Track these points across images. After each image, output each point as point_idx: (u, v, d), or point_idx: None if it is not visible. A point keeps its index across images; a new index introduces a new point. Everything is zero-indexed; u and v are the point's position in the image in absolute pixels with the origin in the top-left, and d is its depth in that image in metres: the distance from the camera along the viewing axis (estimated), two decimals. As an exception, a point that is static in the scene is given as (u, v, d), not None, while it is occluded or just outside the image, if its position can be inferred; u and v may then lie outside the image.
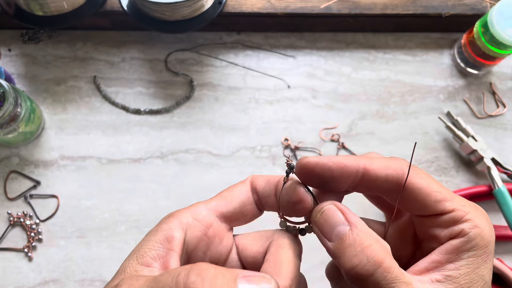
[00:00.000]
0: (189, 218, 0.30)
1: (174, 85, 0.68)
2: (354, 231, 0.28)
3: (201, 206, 0.31)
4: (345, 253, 0.27)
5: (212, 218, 0.31)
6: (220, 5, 0.64)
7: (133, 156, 0.64)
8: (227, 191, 0.33)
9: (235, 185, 0.33)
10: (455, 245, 0.28)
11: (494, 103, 0.69)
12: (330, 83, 0.68)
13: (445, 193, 0.29)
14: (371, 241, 0.27)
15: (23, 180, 0.63)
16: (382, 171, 0.30)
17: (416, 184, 0.29)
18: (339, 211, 0.29)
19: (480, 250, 0.28)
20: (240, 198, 0.32)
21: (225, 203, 0.32)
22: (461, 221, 0.29)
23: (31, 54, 0.68)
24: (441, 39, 0.71)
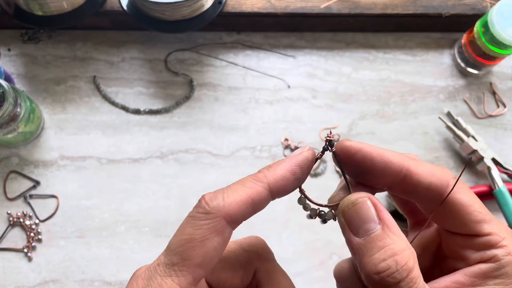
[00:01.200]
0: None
1: (174, 85, 0.68)
2: (386, 232, 0.25)
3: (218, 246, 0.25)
4: (372, 254, 0.25)
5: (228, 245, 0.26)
6: (220, 5, 0.64)
7: (133, 156, 0.64)
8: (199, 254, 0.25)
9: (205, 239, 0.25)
10: (484, 270, 0.27)
11: (494, 103, 0.69)
12: (330, 83, 0.68)
13: (485, 214, 0.28)
14: (404, 247, 0.25)
15: (23, 180, 0.63)
16: (426, 178, 0.28)
17: (459, 200, 0.27)
18: (373, 207, 0.26)
19: (509, 280, 0.27)
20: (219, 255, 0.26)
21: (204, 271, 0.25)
22: (495, 246, 0.27)
23: (30, 54, 0.68)
24: (441, 39, 0.71)
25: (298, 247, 0.61)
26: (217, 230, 0.25)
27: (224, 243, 0.25)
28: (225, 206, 0.25)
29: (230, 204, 0.25)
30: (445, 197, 0.27)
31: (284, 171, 0.27)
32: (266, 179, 0.26)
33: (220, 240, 0.25)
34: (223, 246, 0.25)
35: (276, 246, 0.61)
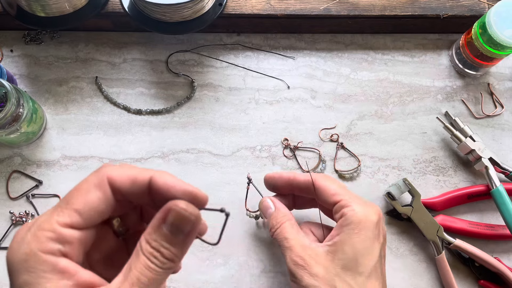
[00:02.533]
0: (56, 245, 0.28)
1: (175, 86, 0.68)
2: (276, 211, 0.52)
3: (50, 240, 0.28)
4: (270, 222, 0.52)
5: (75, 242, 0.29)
6: (220, 7, 0.65)
7: (134, 156, 0.65)
8: (81, 201, 0.29)
9: (87, 190, 0.30)
10: (339, 223, 0.47)
11: (492, 104, 0.69)
12: (329, 84, 0.69)
13: (338, 190, 0.49)
14: (284, 219, 0.50)
15: (25, 180, 0.64)
16: (302, 179, 0.52)
17: (319, 185, 0.50)
18: (271, 201, 0.54)
19: (353, 225, 0.45)
20: (98, 208, 0.30)
21: (81, 219, 0.29)
22: (344, 207, 0.47)
23: (33, 55, 0.69)
24: (439, 40, 0.72)
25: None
26: (99, 185, 0.30)
27: (106, 201, 0.30)
28: (112, 171, 0.31)
29: (117, 171, 0.31)
30: (313, 187, 0.51)
31: (167, 189, 0.32)
32: (158, 178, 0.32)
33: (100, 195, 0.30)
34: (104, 202, 0.30)
35: (276, 245, 0.62)
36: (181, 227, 0.30)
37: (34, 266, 0.27)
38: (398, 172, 0.65)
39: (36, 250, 0.27)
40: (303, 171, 0.65)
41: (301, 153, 0.66)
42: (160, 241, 0.29)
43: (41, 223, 0.28)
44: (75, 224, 0.29)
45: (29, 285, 0.27)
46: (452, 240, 0.60)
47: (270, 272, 0.61)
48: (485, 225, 0.62)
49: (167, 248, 0.30)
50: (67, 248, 0.28)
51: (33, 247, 0.27)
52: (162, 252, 0.29)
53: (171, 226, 0.30)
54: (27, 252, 0.27)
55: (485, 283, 0.61)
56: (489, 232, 0.62)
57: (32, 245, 0.27)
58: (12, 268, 0.27)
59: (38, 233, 0.28)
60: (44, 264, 0.27)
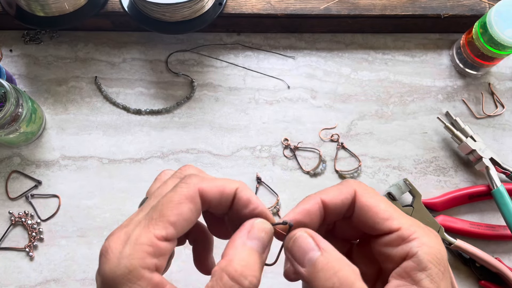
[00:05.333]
0: (153, 260, 0.28)
1: (175, 86, 0.68)
2: (325, 255, 0.28)
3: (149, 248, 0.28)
4: (317, 277, 0.28)
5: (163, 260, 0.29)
6: (220, 6, 0.65)
7: (134, 156, 0.65)
8: (174, 213, 0.29)
9: (180, 201, 0.29)
10: (409, 267, 0.29)
11: (493, 104, 0.69)
12: (330, 84, 0.69)
13: (392, 212, 0.31)
14: (342, 265, 0.28)
15: (25, 180, 0.63)
16: (337, 198, 0.32)
17: (365, 203, 0.31)
18: (310, 238, 0.30)
19: (435, 269, 0.29)
20: (190, 219, 0.29)
21: (175, 231, 0.29)
22: (408, 240, 0.29)
23: (32, 55, 0.69)
24: (440, 39, 0.72)
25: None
26: (191, 197, 0.29)
27: (196, 212, 0.30)
28: (203, 184, 0.30)
29: (207, 184, 0.30)
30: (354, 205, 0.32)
31: (250, 207, 0.31)
32: (242, 191, 0.31)
33: (192, 207, 0.29)
34: (194, 214, 0.29)
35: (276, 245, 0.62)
36: (264, 243, 0.30)
37: (134, 281, 0.27)
38: (398, 172, 0.65)
39: (137, 265, 0.27)
40: (303, 171, 0.65)
41: (301, 153, 0.66)
42: (246, 260, 0.29)
43: (138, 236, 0.28)
44: (170, 237, 0.28)
45: None
46: (453, 240, 0.60)
47: (271, 273, 0.61)
48: (486, 226, 0.62)
49: (254, 267, 0.28)
50: (160, 261, 0.28)
51: (135, 262, 0.27)
52: (252, 271, 0.28)
53: (256, 243, 0.30)
54: (129, 267, 0.27)
55: (486, 283, 0.60)
56: (490, 233, 0.62)
57: (133, 260, 0.27)
58: (112, 282, 0.27)
59: (138, 248, 0.27)
60: (143, 279, 0.27)
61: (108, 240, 0.29)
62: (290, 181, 0.64)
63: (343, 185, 0.32)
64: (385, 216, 0.30)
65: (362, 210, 0.31)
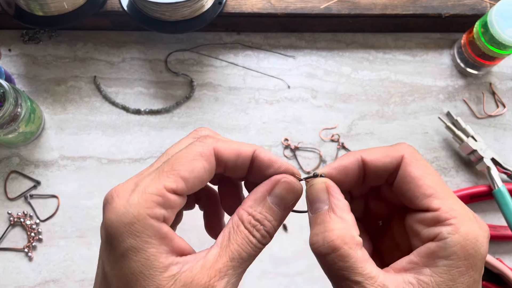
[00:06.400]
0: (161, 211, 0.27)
1: (174, 85, 0.68)
2: (329, 213, 0.28)
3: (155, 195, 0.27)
4: (313, 228, 0.29)
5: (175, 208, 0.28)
6: (220, 6, 0.65)
7: (133, 156, 0.64)
8: (186, 168, 0.28)
9: (193, 158, 0.28)
10: (431, 249, 0.27)
11: (494, 103, 0.69)
12: (330, 83, 0.69)
13: (436, 189, 0.28)
14: (336, 227, 0.27)
15: (23, 180, 0.63)
16: (380, 160, 0.30)
17: (409, 173, 0.29)
18: (325, 189, 0.30)
19: (459, 261, 0.26)
20: (202, 177, 0.29)
21: (186, 186, 0.28)
22: (443, 223, 0.27)
23: (31, 54, 0.68)
24: (441, 39, 0.71)
25: (298, 246, 0.62)
26: (206, 156, 0.29)
27: (209, 171, 0.29)
28: (218, 144, 0.30)
29: (223, 144, 0.30)
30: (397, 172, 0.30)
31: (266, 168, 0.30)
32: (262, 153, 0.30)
33: (205, 165, 0.29)
34: (207, 173, 0.29)
35: (276, 245, 0.61)
36: (287, 199, 0.30)
37: (141, 231, 0.26)
38: (399, 173, 0.65)
39: (145, 214, 0.26)
40: (303, 171, 0.64)
41: (301, 153, 0.65)
42: (264, 213, 0.29)
43: (147, 186, 0.27)
44: (180, 190, 0.28)
45: (134, 249, 0.26)
46: (454, 241, 0.60)
47: (270, 273, 0.60)
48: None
49: (270, 221, 0.29)
50: (168, 214, 0.27)
51: (142, 211, 0.26)
52: (265, 225, 0.29)
53: (277, 198, 0.30)
54: (136, 215, 0.26)
55: (487, 284, 0.60)
56: (491, 233, 0.61)
57: (141, 208, 0.26)
58: (116, 231, 0.26)
59: (146, 196, 0.27)
60: (150, 228, 0.26)
61: (114, 188, 0.28)
62: (290, 181, 0.64)
63: (392, 147, 0.30)
64: (427, 192, 0.28)
65: (405, 180, 0.29)
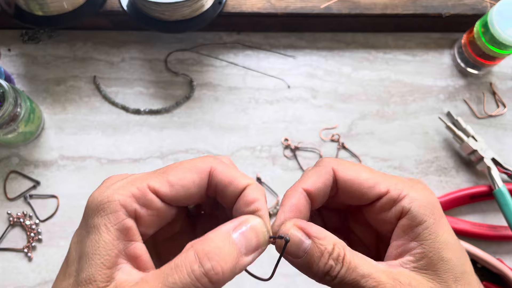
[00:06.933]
0: (135, 204, 0.27)
1: (174, 85, 0.68)
2: (316, 243, 0.28)
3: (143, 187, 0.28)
4: (316, 263, 0.28)
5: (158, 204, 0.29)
6: (220, 5, 0.64)
7: (133, 156, 0.64)
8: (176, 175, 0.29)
9: (188, 169, 0.29)
10: (406, 225, 0.29)
11: (494, 103, 0.69)
12: (330, 83, 0.68)
13: (376, 177, 0.31)
14: (333, 243, 0.28)
15: (23, 180, 0.63)
16: (318, 183, 0.31)
17: (346, 177, 0.31)
18: (300, 230, 0.29)
19: (430, 219, 0.29)
20: (189, 189, 0.29)
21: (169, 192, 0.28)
22: (398, 200, 0.30)
23: (30, 54, 0.68)
24: (441, 39, 0.71)
25: (298, 247, 0.61)
26: (200, 170, 0.29)
27: (198, 186, 0.29)
28: (217, 165, 0.30)
29: (221, 167, 0.30)
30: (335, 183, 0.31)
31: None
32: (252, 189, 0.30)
33: (196, 178, 0.29)
34: (195, 187, 0.29)
35: (276, 246, 0.61)
36: (249, 245, 0.28)
37: (106, 212, 0.27)
38: (399, 173, 0.65)
39: (116, 198, 0.27)
40: (303, 171, 0.64)
41: (301, 153, 0.65)
42: (221, 248, 0.26)
43: (133, 179, 0.28)
44: (162, 193, 0.28)
45: (93, 228, 0.27)
46: (454, 241, 0.60)
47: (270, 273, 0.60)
48: (487, 226, 0.62)
49: (225, 259, 0.26)
50: (142, 212, 0.28)
51: (116, 196, 0.27)
52: (219, 260, 0.25)
53: (241, 239, 0.27)
54: (109, 197, 0.27)
55: (487, 284, 0.60)
56: (492, 233, 0.61)
57: (115, 192, 0.27)
58: (90, 206, 0.28)
59: (126, 185, 0.28)
60: (115, 215, 0.27)
61: (111, 176, 0.30)
62: (290, 182, 0.64)
63: (321, 167, 0.32)
64: (370, 184, 0.30)
65: (346, 185, 0.31)
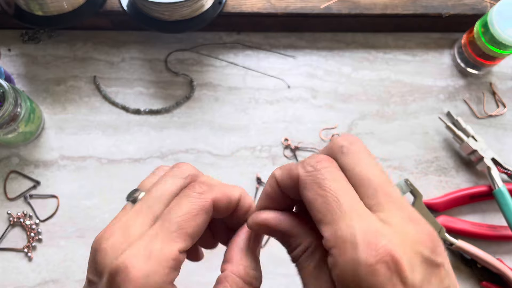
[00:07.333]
0: (175, 273, 0.28)
1: (174, 85, 0.68)
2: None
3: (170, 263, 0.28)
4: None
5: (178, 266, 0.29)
6: (220, 5, 0.64)
7: (133, 156, 0.64)
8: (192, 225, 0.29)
9: (197, 214, 0.29)
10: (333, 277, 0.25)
11: (494, 103, 0.69)
12: (330, 83, 0.68)
13: (325, 213, 0.25)
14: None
15: (23, 180, 0.63)
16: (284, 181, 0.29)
17: (304, 197, 0.27)
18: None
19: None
20: (203, 230, 0.30)
21: (192, 242, 0.29)
22: (329, 253, 0.25)
23: (31, 54, 0.68)
24: (441, 39, 0.71)
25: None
26: (207, 209, 0.29)
27: (208, 221, 0.30)
28: (216, 194, 0.30)
29: (219, 193, 0.30)
30: None
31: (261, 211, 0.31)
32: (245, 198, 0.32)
33: (206, 218, 0.29)
34: (207, 223, 0.30)
35: (276, 246, 0.61)
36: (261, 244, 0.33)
37: None
38: (399, 173, 0.65)
39: (165, 284, 0.27)
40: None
41: (301, 153, 0.65)
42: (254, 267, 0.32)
43: (163, 253, 0.27)
44: (187, 248, 0.29)
45: None
46: (454, 241, 0.60)
47: (270, 273, 0.60)
48: (487, 226, 0.62)
49: (258, 271, 0.32)
50: (178, 272, 0.29)
51: (163, 279, 0.27)
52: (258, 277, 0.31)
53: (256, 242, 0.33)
54: (159, 284, 0.27)
55: (487, 284, 0.60)
56: (492, 233, 0.61)
57: (160, 277, 0.27)
58: None
59: (164, 264, 0.27)
60: None
61: (124, 256, 0.27)
62: (290, 181, 0.64)
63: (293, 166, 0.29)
64: (317, 218, 0.26)
65: (306, 204, 0.27)
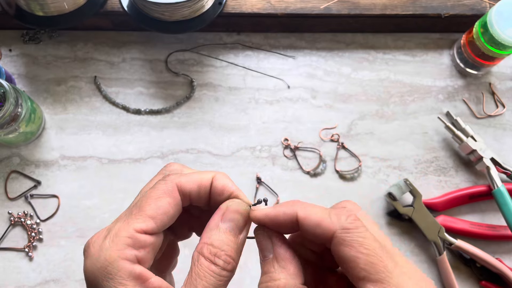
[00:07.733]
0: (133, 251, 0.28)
1: (175, 85, 0.68)
2: (273, 262, 0.30)
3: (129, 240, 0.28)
4: (261, 276, 0.30)
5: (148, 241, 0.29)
6: (220, 6, 0.65)
7: (133, 156, 0.65)
8: (153, 208, 0.30)
9: (158, 196, 0.30)
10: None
11: (493, 103, 0.69)
12: (330, 83, 0.69)
13: (371, 272, 0.26)
14: (279, 277, 0.29)
15: (24, 180, 0.63)
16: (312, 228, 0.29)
17: (342, 253, 0.27)
18: (270, 240, 0.31)
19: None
20: (169, 213, 0.30)
21: (155, 224, 0.29)
22: None
23: (31, 54, 0.68)
24: (440, 39, 0.72)
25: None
26: (170, 192, 0.30)
27: (175, 206, 0.31)
28: (180, 179, 0.31)
29: (184, 178, 0.31)
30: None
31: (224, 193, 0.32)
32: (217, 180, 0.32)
33: (171, 201, 0.30)
34: (174, 208, 0.30)
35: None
36: (239, 223, 0.31)
37: (114, 273, 0.27)
38: (399, 172, 0.65)
39: (116, 256, 0.27)
40: (303, 171, 0.64)
41: (301, 153, 0.65)
42: (222, 239, 0.30)
43: (118, 230, 0.29)
44: (150, 229, 0.29)
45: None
46: (453, 240, 0.60)
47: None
48: (486, 226, 0.62)
49: (230, 245, 0.30)
50: (141, 254, 0.29)
51: (113, 253, 0.28)
52: (226, 249, 0.30)
53: (230, 223, 0.31)
54: (108, 258, 0.27)
55: (486, 284, 0.60)
56: (491, 233, 0.62)
57: (112, 251, 0.28)
58: (92, 276, 0.28)
59: (117, 240, 0.28)
60: (123, 270, 0.27)
61: (91, 237, 0.30)
62: (290, 181, 0.64)
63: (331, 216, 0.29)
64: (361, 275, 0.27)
65: (339, 259, 0.28)
